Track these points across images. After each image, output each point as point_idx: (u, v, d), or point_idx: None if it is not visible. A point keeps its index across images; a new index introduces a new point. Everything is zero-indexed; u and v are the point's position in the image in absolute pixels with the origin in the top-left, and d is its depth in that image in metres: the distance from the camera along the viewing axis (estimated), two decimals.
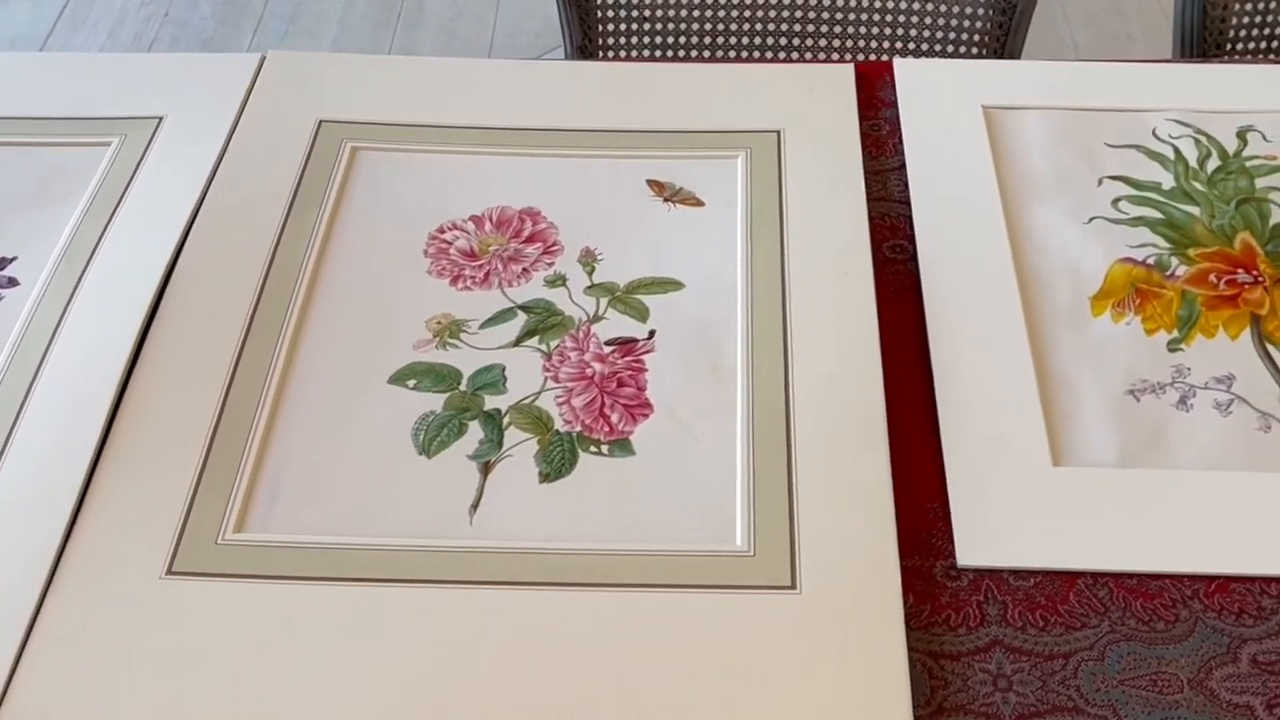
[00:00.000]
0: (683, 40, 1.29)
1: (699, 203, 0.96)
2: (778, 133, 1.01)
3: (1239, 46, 1.20)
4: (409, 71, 1.08)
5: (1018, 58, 1.26)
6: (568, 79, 1.07)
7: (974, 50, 1.26)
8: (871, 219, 0.95)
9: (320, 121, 1.02)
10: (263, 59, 1.07)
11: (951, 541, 0.75)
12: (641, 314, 0.88)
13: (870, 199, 0.97)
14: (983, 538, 0.75)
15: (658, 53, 1.30)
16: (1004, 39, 1.25)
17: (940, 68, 1.08)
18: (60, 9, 2.80)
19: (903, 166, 0.98)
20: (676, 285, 0.90)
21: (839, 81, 1.06)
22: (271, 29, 2.82)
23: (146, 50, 2.76)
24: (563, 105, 1.04)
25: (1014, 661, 0.70)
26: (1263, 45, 1.20)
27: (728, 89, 1.05)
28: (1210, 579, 0.73)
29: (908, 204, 0.96)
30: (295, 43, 2.77)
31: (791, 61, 1.30)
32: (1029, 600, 0.72)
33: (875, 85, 1.06)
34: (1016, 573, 0.74)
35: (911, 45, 1.27)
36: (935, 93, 1.04)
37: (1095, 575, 0.73)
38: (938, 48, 1.27)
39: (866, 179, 0.98)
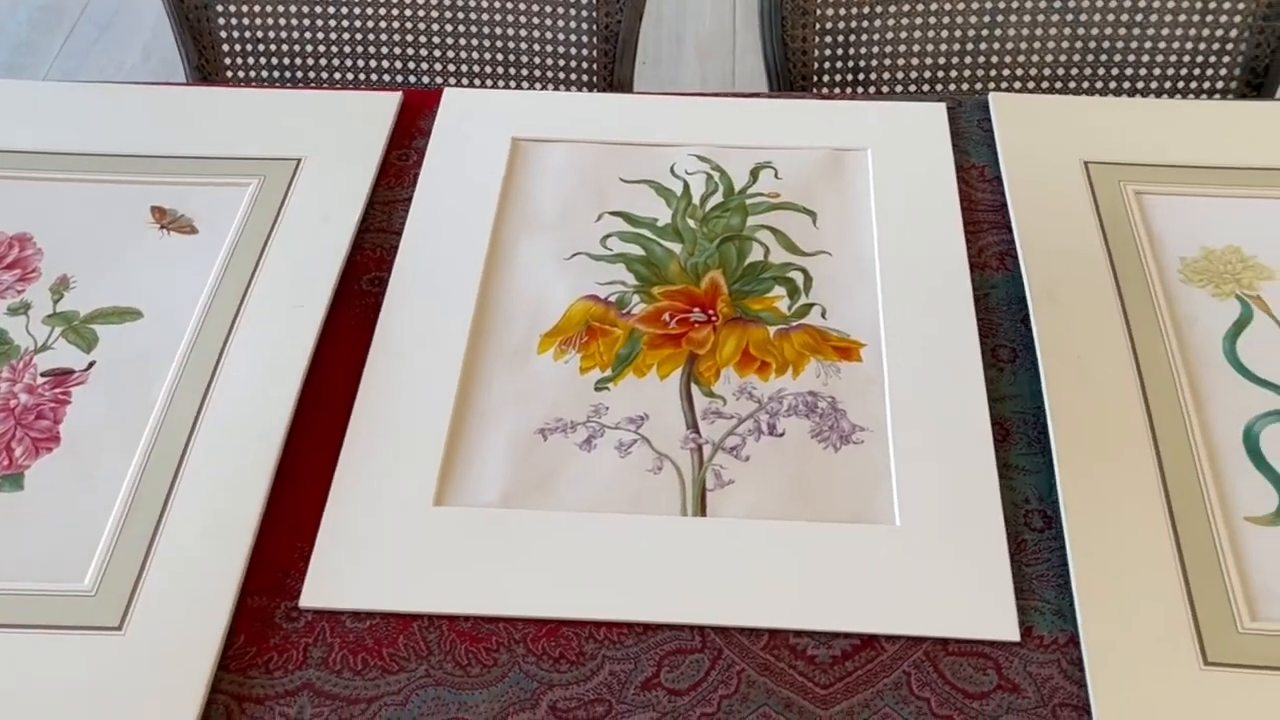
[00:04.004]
0: (299, 62, 1.28)
1: (193, 230, 0.96)
2: (298, 161, 1.00)
3: (825, 79, 1.20)
4: None
5: (629, 87, 1.26)
6: (106, 102, 1.06)
7: (585, 79, 1.26)
8: (363, 250, 0.95)
9: None
10: None
11: (304, 582, 0.74)
12: (90, 344, 0.87)
13: (370, 230, 0.96)
14: (333, 579, 0.75)
15: (276, 74, 1.29)
16: (611, 68, 1.25)
17: (482, 98, 1.08)
18: None
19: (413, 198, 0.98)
20: (135, 315, 0.89)
21: (382, 110, 1.06)
22: (83, 35, 2.80)
23: None
24: (90, 129, 1.03)
25: (317, 705, 0.69)
26: (849, 79, 1.20)
27: (265, 114, 1.05)
28: (543, 623, 0.73)
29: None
30: (105, 48, 2.75)
31: (401, 88, 1.29)
32: (358, 643, 0.72)
33: (420, 114, 1.06)
34: (357, 614, 0.73)
35: (525, 73, 1.27)
36: (471, 123, 1.04)
37: (432, 618, 0.73)
38: (550, 75, 1.27)
39: (374, 209, 0.98)
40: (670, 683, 0.70)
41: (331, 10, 1.26)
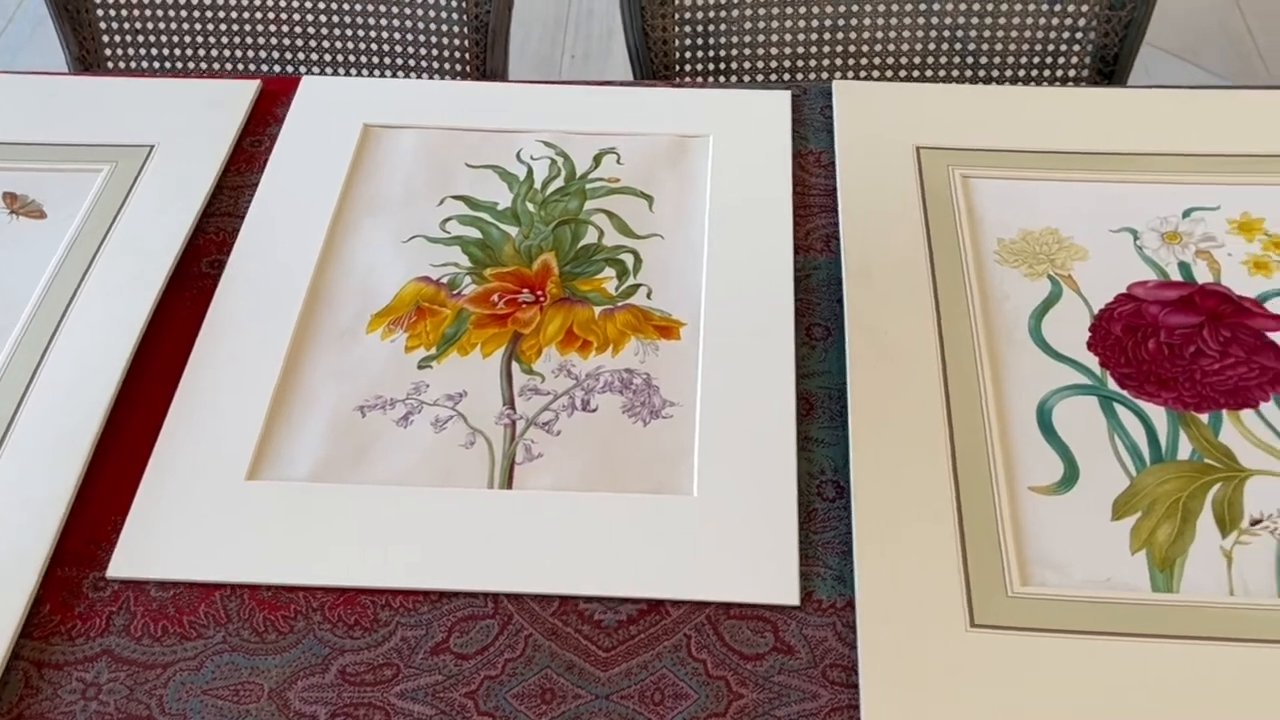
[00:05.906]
0: (179, 53, 1.30)
1: (42, 215, 0.98)
2: (151, 147, 1.02)
3: (688, 68, 1.22)
4: None
5: (503, 76, 1.28)
6: None
7: (458, 69, 1.28)
8: (207, 234, 0.97)
9: None
10: None
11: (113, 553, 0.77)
12: None
13: (216, 214, 0.98)
14: (141, 550, 0.77)
15: (156, 64, 1.31)
16: (483, 58, 1.27)
17: (340, 85, 1.10)
18: None
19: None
20: None
21: (238, 97, 1.07)
22: (17, 32, 2.81)
23: None
24: None
25: (113, 671, 0.71)
26: (710, 67, 1.23)
27: (124, 102, 1.07)
28: (342, 592, 0.75)
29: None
30: (39, 44, 2.76)
31: (279, 76, 1.31)
32: (160, 611, 0.74)
33: (279, 101, 1.08)
34: (162, 584, 0.75)
35: (399, 63, 1.29)
36: (326, 109, 1.06)
37: (235, 587, 0.75)
38: (423, 65, 1.29)
39: (223, 194, 1.00)
40: (459, 647, 0.72)
41: (209, 1, 1.28)
